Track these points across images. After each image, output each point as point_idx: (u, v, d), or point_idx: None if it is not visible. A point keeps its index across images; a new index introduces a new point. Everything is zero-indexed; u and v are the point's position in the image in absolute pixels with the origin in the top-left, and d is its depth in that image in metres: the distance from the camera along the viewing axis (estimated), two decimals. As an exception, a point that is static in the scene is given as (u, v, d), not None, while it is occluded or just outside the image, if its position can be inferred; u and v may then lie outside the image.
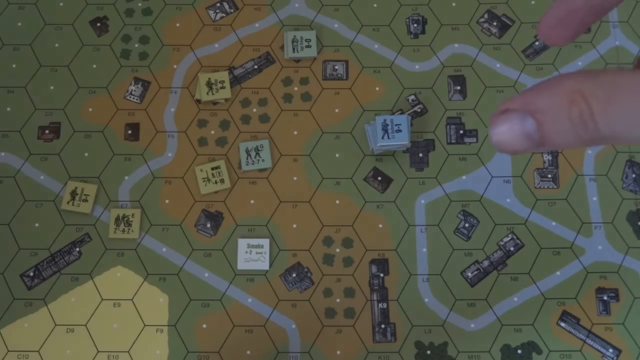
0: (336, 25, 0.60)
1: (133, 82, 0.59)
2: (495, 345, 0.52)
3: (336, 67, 0.59)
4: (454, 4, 0.61)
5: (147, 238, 0.55)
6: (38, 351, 0.52)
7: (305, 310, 0.53)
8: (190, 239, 0.55)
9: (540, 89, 0.18)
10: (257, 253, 0.54)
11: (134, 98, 0.58)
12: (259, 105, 0.58)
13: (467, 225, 0.55)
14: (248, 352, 0.52)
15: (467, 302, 0.53)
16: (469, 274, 0.54)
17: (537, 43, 0.60)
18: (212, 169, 0.56)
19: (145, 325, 0.53)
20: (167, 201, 0.56)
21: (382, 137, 0.53)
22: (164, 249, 0.54)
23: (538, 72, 0.59)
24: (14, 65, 0.59)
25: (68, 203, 0.55)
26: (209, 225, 0.55)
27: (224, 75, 0.58)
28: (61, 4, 0.61)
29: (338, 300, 0.53)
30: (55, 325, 0.53)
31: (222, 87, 0.57)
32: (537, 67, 0.59)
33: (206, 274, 0.54)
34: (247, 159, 0.56)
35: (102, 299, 0.53)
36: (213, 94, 0.57)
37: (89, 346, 0.52)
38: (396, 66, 0.59)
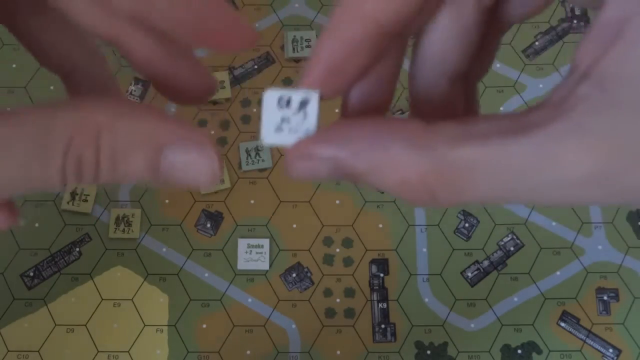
0: (336, 25, 0.60)
1: (133, 82, 0.59)
2: (495, 345, 0.52)
3: (336, 67, 0.59)
4: (454, 4, 0.61)
5: (147, 238, 0.55)
6: (38, 351, 0.52)
7: (305, 310, 0.53)
8: (190, 239, 0.55)
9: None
10: (257, 253, 0.54)
11: (134, 98, 0.58)
12: (259, 105, 0.58)
13: (467, 225, 0.55)
14: (248, 352, 0.52)
15: (467, 302, 0.53)
16: (469, 274, 0.54)
17: (537, 43, 0.60)
18: (212, 169, 0.56)
19: (145, 325, 0.53)
20: (167, 201, 0.56)
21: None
22: (164, 249, 0.54)
23: (538, 72, 0.59)
24: (14, 65, 0.59)
25: (68, 203, 0.55)
26: (209, 225, 0.55)
27: (224, 75, 0.58)
28: (61, 4, 0.61)
29: (338, 300, 0.53)
30: (55, 325, 0.53)
31: (222, 87, 0.57)
32: (537, 67, 0.59)
33: (206, 274, 0.54)
34: (247, 159, 0.56)
35: (102, 299, 0.53)
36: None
37: (89, 346, 0.52)
38: (396, 66, 0.59)
